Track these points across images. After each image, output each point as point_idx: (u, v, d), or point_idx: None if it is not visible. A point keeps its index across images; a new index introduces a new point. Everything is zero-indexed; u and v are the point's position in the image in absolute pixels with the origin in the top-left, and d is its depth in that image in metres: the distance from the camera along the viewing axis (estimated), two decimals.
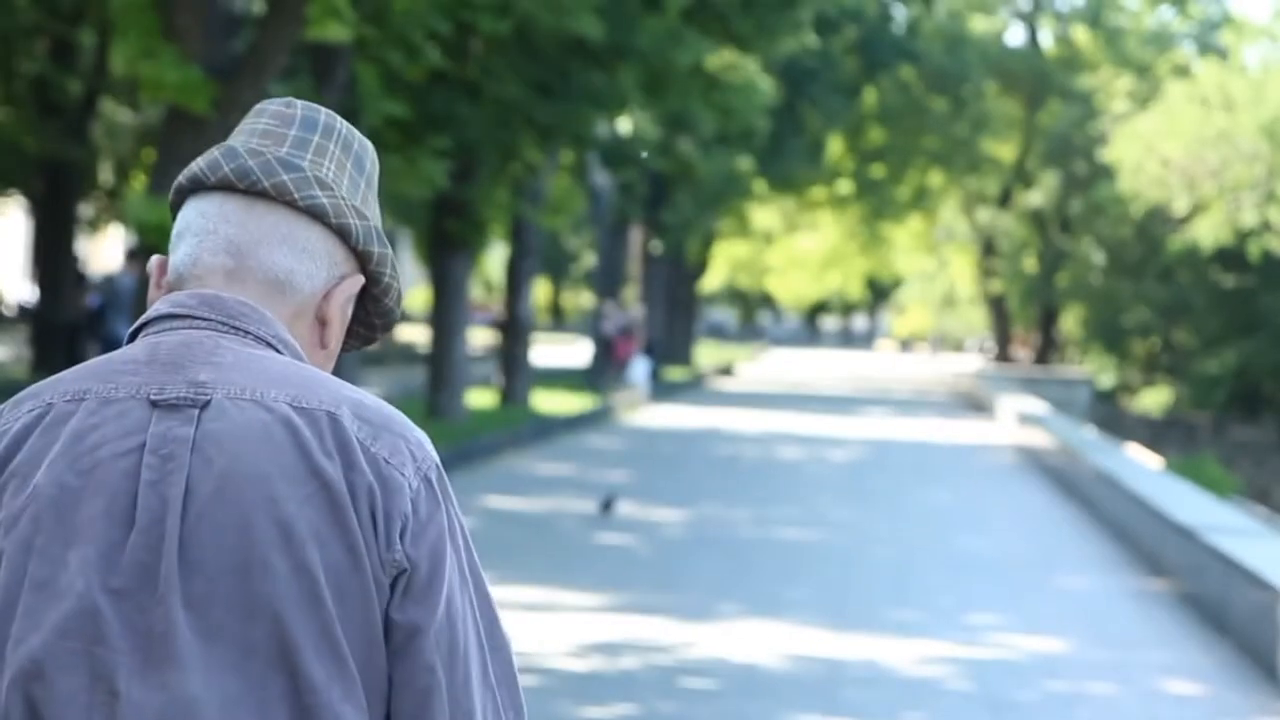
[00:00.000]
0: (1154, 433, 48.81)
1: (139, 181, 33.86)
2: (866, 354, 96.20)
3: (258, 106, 2.40)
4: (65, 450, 2.21)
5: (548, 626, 11.76)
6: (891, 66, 50.06)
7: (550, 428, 28.89)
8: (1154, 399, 54.40)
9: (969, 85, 57.54)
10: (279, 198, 2.32)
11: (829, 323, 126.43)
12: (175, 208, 2.38)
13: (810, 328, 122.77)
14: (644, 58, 24.98)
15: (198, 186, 2.34)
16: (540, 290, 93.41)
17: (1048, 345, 62.17)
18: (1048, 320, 62.03)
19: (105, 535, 2.17)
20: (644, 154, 34.59)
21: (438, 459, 2.28)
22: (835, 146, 57.64)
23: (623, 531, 17.15)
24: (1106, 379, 56.05)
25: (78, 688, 2.15)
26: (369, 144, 2.43)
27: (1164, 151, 40.32)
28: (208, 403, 2.22)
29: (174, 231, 2.37)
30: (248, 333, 2.29)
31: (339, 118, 2.40)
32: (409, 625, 2.19)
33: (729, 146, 42.80)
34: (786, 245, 78.62)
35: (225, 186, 2.33)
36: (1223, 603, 13.02)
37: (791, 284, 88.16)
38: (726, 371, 57.89)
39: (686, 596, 13.44)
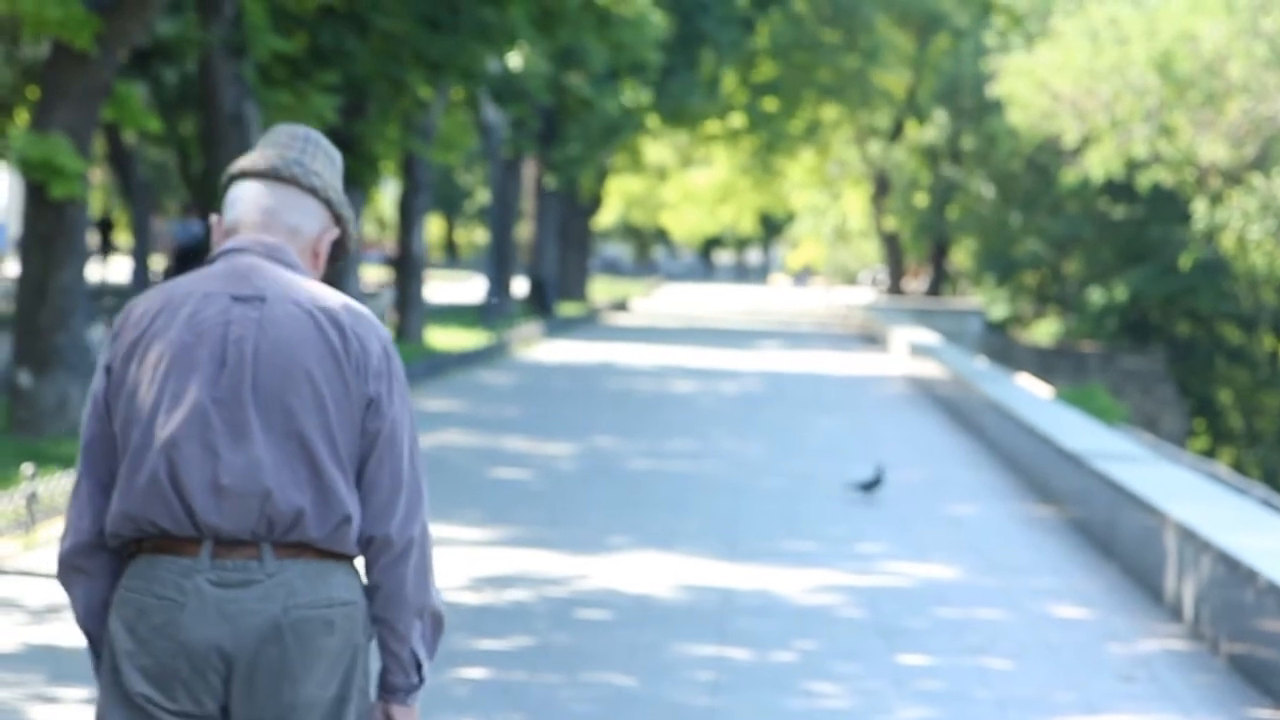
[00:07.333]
0: (1044, 363, 49.20)
1: (22, 119, 33.41)
2: (761, 288, 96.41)
3: (276, 128, 4.09)
4: (185, 322, 3.89)
5: (441, 561, 11.74)
6: None
7: (444, 364, 28.83)
8: (1044, 330, 54.80)
9: (860, 18, 57.57)
10: (293, 181, 4.03)
11: (723, 258, 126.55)
12: (226, 188, 4.07)
13: (705, 263, 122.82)
14: None
15: (244, 175, 4.05)
16: (434, 227, 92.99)
17: (939, 277, 62.49)
18: (939, 253, 62.32)
19: (209, 369, 3.87)
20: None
21: (390, 337, 3.99)
22: (728, 80, 57.56)
23: (515, 466, 17.16)
24: (998, 310, 56.38)
25: (197, 452, 3.84)
26: (338, 151, 4.16)
27: (1055, 85, 40.48)
28: (264, 299, 3.90)
29: (228, 200, 4.06)
30: (281, 261, 3.98)
31: (323, 136, 4.10)
32: (374, 429, 3.92)
33: (621, 81, 42.67)
34: (680, 180, 78.57)
35: (260, 175, 4.04)
36: (1110, 528, 13.17)
37: (685, 219, 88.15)
38: (621, 307, 57.89)
39: (579, 529, 13.48)
